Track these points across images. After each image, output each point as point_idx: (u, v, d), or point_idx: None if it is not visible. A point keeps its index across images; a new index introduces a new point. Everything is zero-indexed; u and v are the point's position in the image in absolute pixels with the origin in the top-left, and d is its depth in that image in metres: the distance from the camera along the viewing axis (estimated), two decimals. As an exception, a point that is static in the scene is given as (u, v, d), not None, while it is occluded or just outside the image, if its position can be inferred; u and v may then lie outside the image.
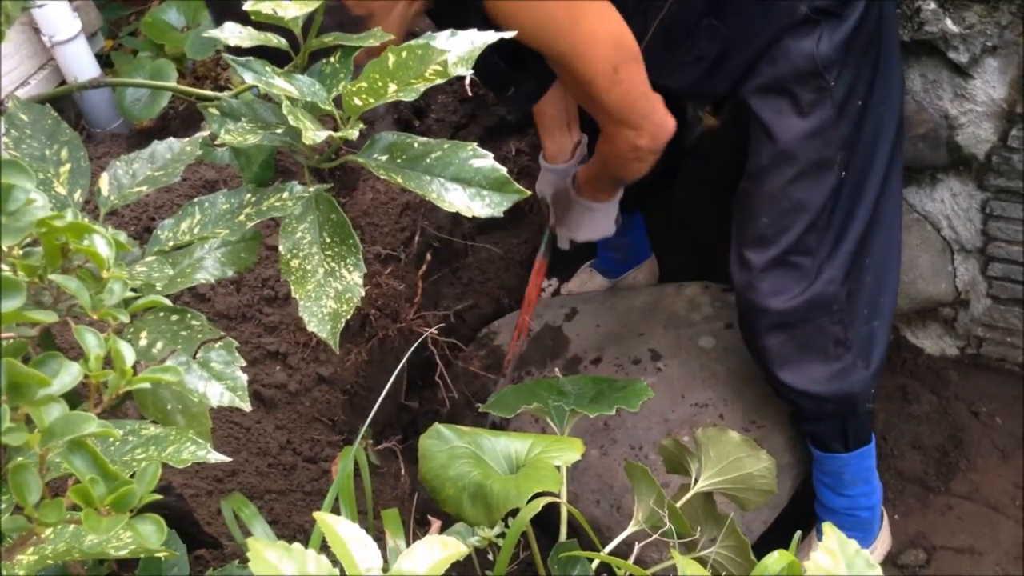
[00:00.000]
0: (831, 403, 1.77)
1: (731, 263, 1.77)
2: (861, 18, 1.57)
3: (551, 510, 1.31)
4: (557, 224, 1.98)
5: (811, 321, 1.71)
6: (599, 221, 1.93)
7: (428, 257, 2.21)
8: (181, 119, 2.31)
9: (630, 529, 1.41)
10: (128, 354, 0.66)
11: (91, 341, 0.65)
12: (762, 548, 1.21)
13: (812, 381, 1.75)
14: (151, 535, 0.60)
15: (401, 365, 1.34)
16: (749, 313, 1.75)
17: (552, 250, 2.04)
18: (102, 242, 0.68)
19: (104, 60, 2.35)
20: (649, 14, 1.56)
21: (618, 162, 1.71)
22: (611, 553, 1.31)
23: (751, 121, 1.67)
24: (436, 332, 2.02)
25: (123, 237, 0.78)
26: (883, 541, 2.00)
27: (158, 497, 0.63)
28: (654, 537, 1.33)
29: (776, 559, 0.98)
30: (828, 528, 0.61)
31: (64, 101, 2.27)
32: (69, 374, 0.60)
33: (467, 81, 2.13)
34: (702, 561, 1.39)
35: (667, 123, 1.61)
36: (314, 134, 0.95)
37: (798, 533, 1.16)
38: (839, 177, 1.65)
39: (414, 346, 1.55)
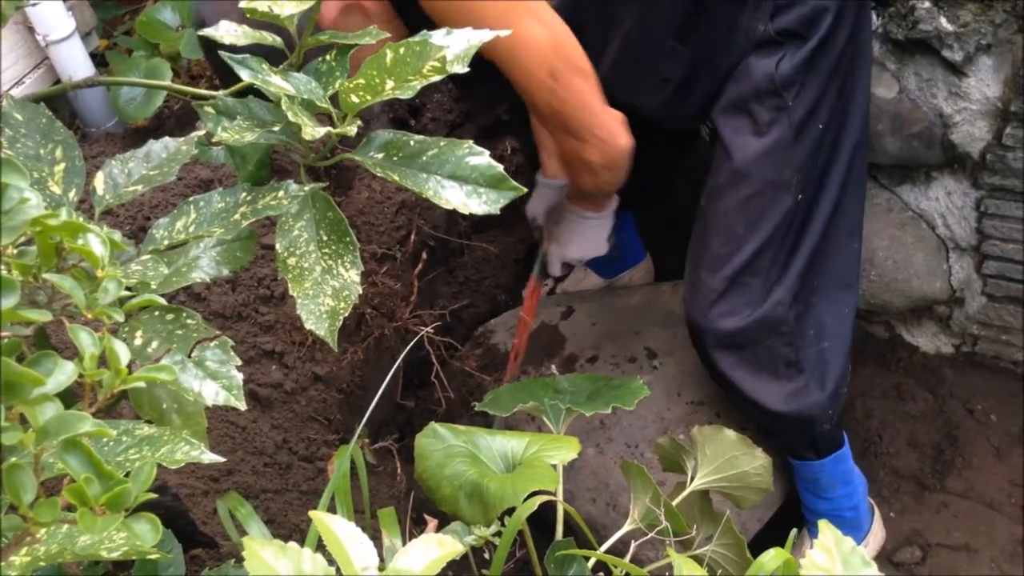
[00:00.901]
0: (789, 421, 1.77)
1: (686, 285, 1.77)
2: (824, 39, 1.56)
3: (547, 509, 1.31)
4: (549, 242, 1.95)
5: (760, 342, 1.71)
6: (591, 234, 1.89)
7: (424, 256, 2.21)
8: (176, 118, 2.31)
9: (626, 527, 1.42)
10: (123, 353, 0.66)
11: (85, 340, 0.65)
12: (758, 546, 1.22)
13: (767, 399, 1.75)
14: (146, 534, 0.60)
15: (397, 364, 1.34)
16: (698, 332, 1.75)
17: (544, 275, 2.03)
18: (96, 241, 0.68)
19: (99, 59, 2.34)
20: (609, 31, 1.55)
21: (573, 174, 1.71)
22: (607, 551, 1.31)
23: (716, 140, 1.67)
24: (432, 331, 2.02)
25: (118, 236, 0.78)
26: (875, 536, 2.00)
27: (153, 496, 0.63)
28: (650, 535, 1.33)
29: (772, 557, 0.98)
30: (824, 525, 0.61)
31: (59, 100, 2.27)
32: (63, 373, 0.60)
33: (463, 80, 2.12)
34: (698, 559, 1.39)
35: (617, 140, 1.55)
36: (313, 130, 0.95)
37: (794, 531, 1.16)
38: (795, 199, 1.65)
39: (410, 345, 1.55)
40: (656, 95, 1.66)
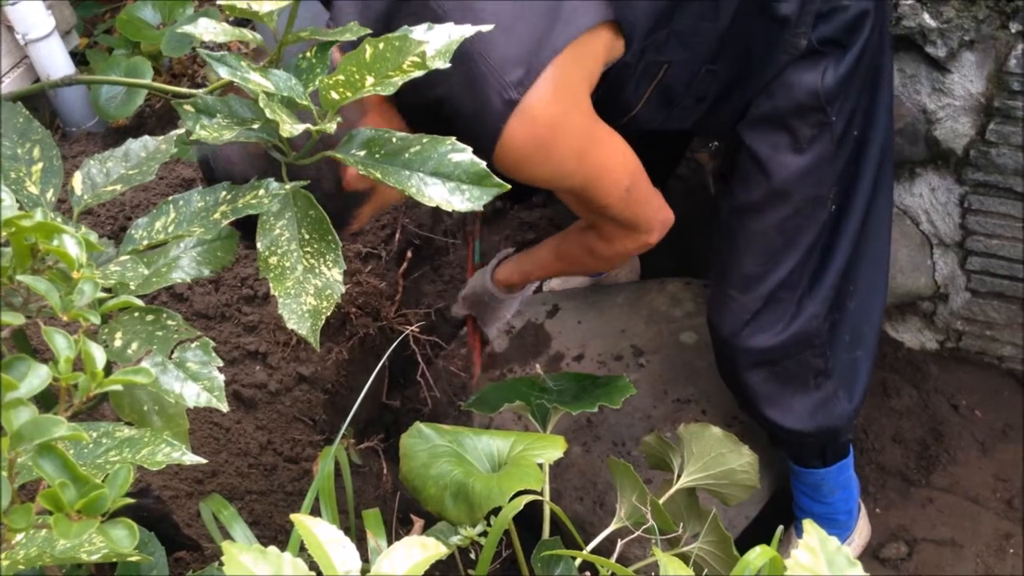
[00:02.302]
0: (812, 436, 1.75)
1: (712, 302, 1.72)
2: (864, 45, 1.51)
3: (534, 508, 1.30)
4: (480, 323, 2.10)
5: (792, 357, 1.68)
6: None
7: (409, 255, 2.20)
8: (157, 117, 2.29)
9: (613, 526, 1.41)
10: (99, 356, 0.65)
11: (60, 343, 0.64)
12: (745, 543, 1.21)
13: (795, 418, 1.72)
14: (123, 539, 0.59)
15: (382, 364, 1.33)
16: (729, 352, 1.71)
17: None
18: (71, 242, 0.67)
19: (79, 58, 2.32)
20: (642, 83, 1.50)
21: (612, 261, 1.73)
22: (594, 550, 1.31)
23: (742, 154, 1.60)
24: (417, 330, 2.01)
25: (94, 237, 0.77)
26: (861, 533, 2.00)
27: (130, 501, 0.62)
28: (637, 534, 1.33)
29: (759, 554, 0.98)
30: (808, 525, 0.61)
31: (38, 100, 2.25)
32: (37, 377, 0.59)
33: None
34: (685, 557, 1.39)
35: (670, 216, 1.63)
36: (291, 127, 0.94)
37: (780, 528, 1.15)
38: (829, 212, 1.61)
39: (395, 344, 1.54)
40: (691, 115, 1.60)
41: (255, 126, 1.05)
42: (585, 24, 1.33)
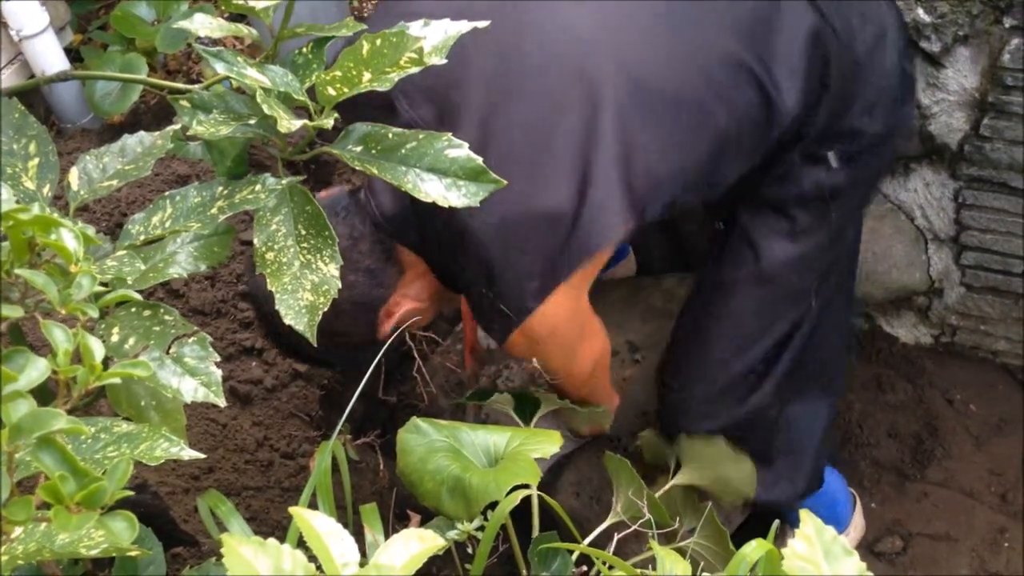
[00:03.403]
0: (753, 505, 1.72)
1: (668, 374, 1.70)
2: (875, 162, 1.54)
3: (530, 503, 1.31)
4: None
5: (737, 436, 1.64)
6: None
7: (405, 251, 2.19)
8: (152, 114, 2.29)
9: (609, 520, 1.42)
10: (97, 349, 0.65)
11: (59, 336, 0.64)
12: (741, 538, 1.22)
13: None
14: (122, 532, 0.59)
15: (378, 359, 1.33)
16: (672, 423, 1.69)
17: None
18: (69, 236, 0.67)
19: (73, 54, 2.31)
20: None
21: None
22: (590, 545, 1.31)
23: (736, 232, 1.56)
24: (417, 331, 2.01)
25: (92, 231, 0.77)
26: (856, 527, 2.01)
27: (129, 494, 0.62)
28: (633, 528, 1.33)
29: (754, 548, 0.98)
30: (805, 514, 0.61)
31: (33, 96, 2.24)
32: (36, 369, 0.59)
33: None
34: (681, 552, 1.39)
35: (614, 401, 1.72)
36: (288, 122, 0.94)
37: (776, 522, 1.16)
38: (809, 306, 1.58)
39: (390, 339, 1.54)
40: (699, 197, 1.53)
41: (252, 122, 1.05)
42: (605, 242, 1.32)
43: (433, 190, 1.01)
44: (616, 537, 1.30)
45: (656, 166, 1.34)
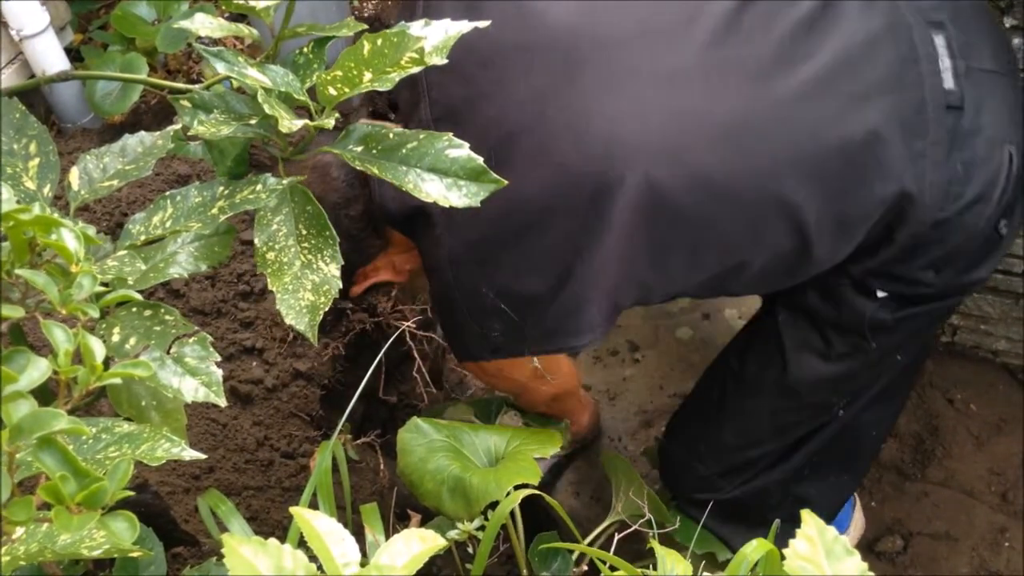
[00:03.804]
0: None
1: (677, 429, 1.66)
2: (932, 310, 1.40)
3: (531, 502, 1.31)
4: None
5: (739, 508, 1.61)
6: None
7: (405, 251, 2.20)
8: (153, 114, 2.29)
9: (609, 519, 1.42)
10: (98, 349, 0.65)
11: (59, 336, 0.64)
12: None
13: (732, 542, 1.63)
14: (123, 532, 0.59)
15: (378, 359, 1.33)
16: (671, 480, 1.67)
17: None
18: (70, 236, 0.67)
19: (74, 54, 2.31)
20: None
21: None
22: (591, 544, 1.31)
23: (768, 330, 1.49)
24: (413, 326, 2.01)
25: (92, 231, 0.77)
26: (856, 526, 2.00)
27: (130, 494, 0.62)
28: (634, 528, 1.33)
29: (755, 547, 0.98)
30: (807, 515, 0.61)
31: (34, 96, 2.24)
32: (37, 370, 0.59)
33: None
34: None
35: (583, 422, 1.75)
36: (290, 122, 0.94)
37: (777, 521, 1.16)
38: (834, 416, 1.52)
39: (391, 339, 1.54)
40: (709, 293, 1.49)
41: (252, 121, 1.05)
42: (571, 347, 1.33)
43: (434, 190, 1.01)
44: (617, 537, 1.30)
45: (648, 281, 1.29)
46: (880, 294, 1.36)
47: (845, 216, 1.27)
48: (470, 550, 1.29)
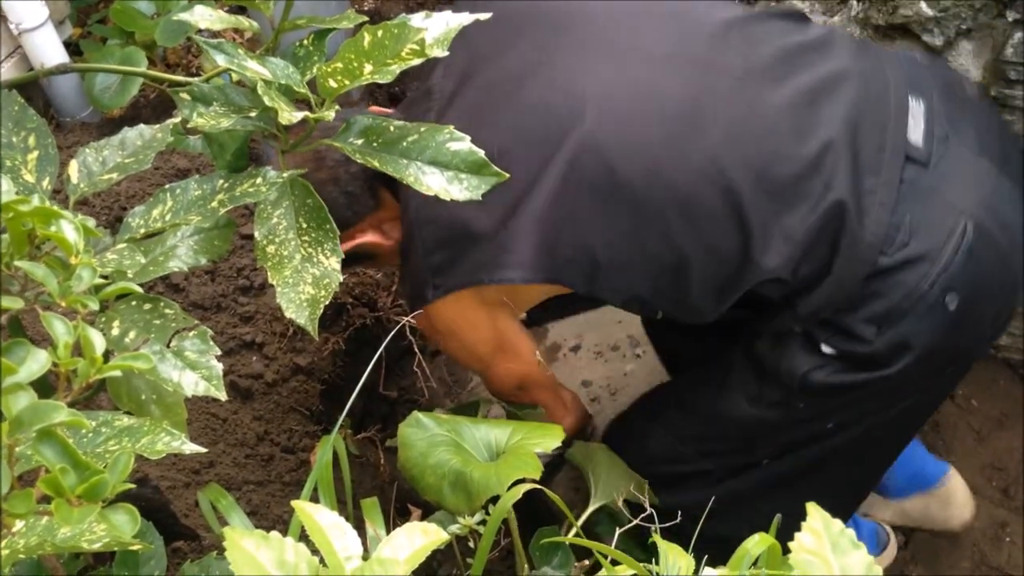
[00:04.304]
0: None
1: (629, 442, 1.63)
2: (871, 382, 1.37)
3: (531, 496, 1.30)
4: None
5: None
6: None
7: (405, 245, 2.19)
8: (152, 108, 2.28)
9: (592, 507, 1.42)
10: (98, 341, 0.65)
11: (59, 328, 0.63)
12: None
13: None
14: (124, 525, 0.59)
15: (379, 354, 1.33)
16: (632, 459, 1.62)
17: None
18: (69, 227, 0.67)
19: (72, 48, 2.31)
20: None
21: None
22: (578, 533, 1.31)
23: (722, 359, 1.53)
24: (414, 321, 2.00)
25: (92, 223, 0.77)
26: (888, 554, 1.99)
27: (131, 487, 0.62)
28: (635, 522, 1.33)
29: (757, 541, 0.98)
30: (812, 508, 0.61)
31: (33, 90, 2.23)
32: (36, 361, 0.59)
33: (443, 67, 2.11)
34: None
35: (564, 421, 1.64)
36: (290, 114, 0.93)
37: (778, 516, 1.15)
38: (757, 465, 1.52)
39: (391, 334, 1.53)
40: (669, 304, 1.46)
41: (252, 114, 1.04)
42: (501, 279, 1.35)
43: (435, 183, 1.01)
44: (618, 531, 1.30)
45: (589, 243, 1.32)
46: (825, 349, 1.36)
47: (782, 215, 1.29)
48: (471, 544, 1.29)
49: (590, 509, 1.42)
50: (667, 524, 1.19)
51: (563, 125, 1.29)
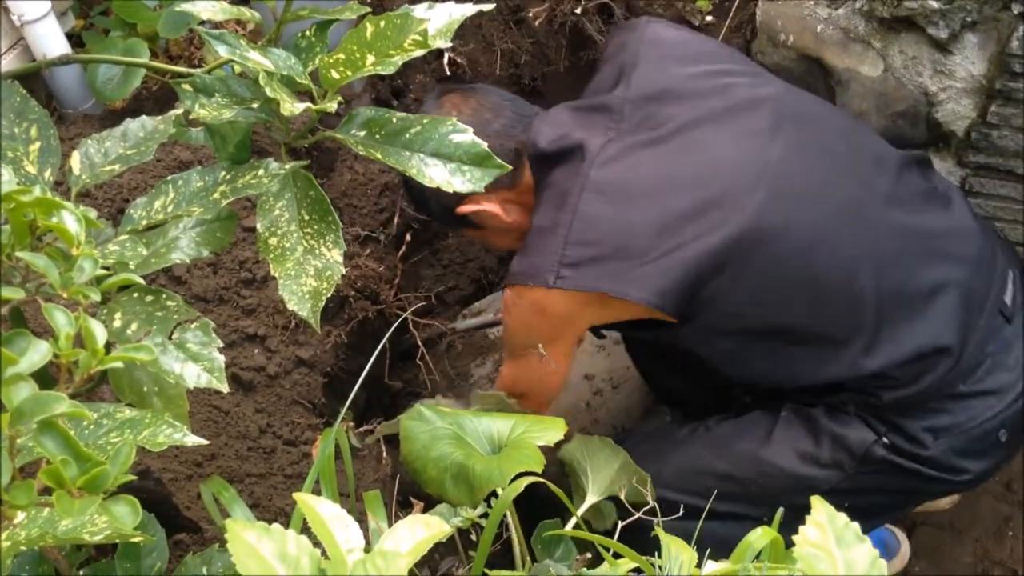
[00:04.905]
0: None
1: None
2: (915, 475, 1.53)
3: (533, 489, 1.30)
4: None
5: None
6: None
7: (408, 238, 2.19)
8: (154, 100, 2.27)
9: (589, 500, 1.41)
10: (99, 332, 0.64)
11: (60, 319, 0.63)
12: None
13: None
14: (125, 516, 0.59)
15: (381, 347, 1.33)
16: None
17: None
18: (71, 218, 0.66)
19: (75, 40, 2.30)
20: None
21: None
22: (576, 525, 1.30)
23: (764, 415, 1.61)
24: (415, 315, 2.00)
25: (93, 214, 0.76)
26: (901, 557, 1.99)
27: (132, 478, 0.61)
28: (637, 516, 1.32)
29: (760, 535, 0.97)
30: (816, 501, 0.61)
31: (35, 82, 2.23)
32: (38, 352, 0.58)
33: (445, 59, 2.11)
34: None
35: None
36: (292, 105, 0.93)
37: (781, 509, 1.15)
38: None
39: (393, 327, 1.53)
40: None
41: (254, 105, 1.04)
42: (640, 299, 1.41)
43: (438, 175, 1.00)
44: (620, 525, 1.30)
45: (719, 298, 1.43)
46: (884, 440, 1.52)
47: (898, 326, 1.47)
48: (473, 537, 1.29)
49: (588, 503, 1.42)
50: (669, 518, 1.19)
51: (739, 193, 1.41)
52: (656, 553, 0.96)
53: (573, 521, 1.32)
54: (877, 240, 1.47)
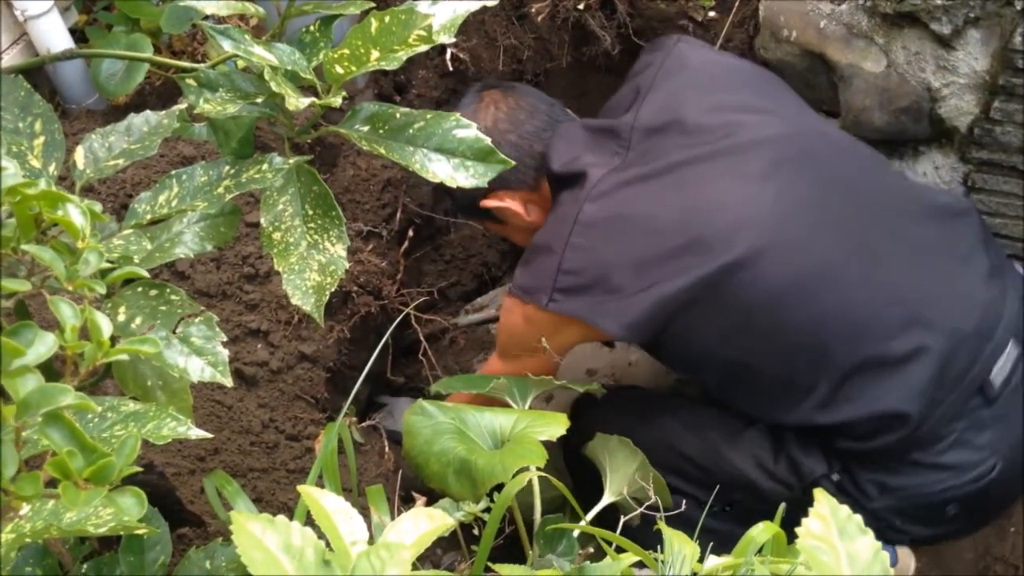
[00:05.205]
0: None
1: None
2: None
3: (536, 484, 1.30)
4: None
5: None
6: None
7: (410, 234, 2.19)
8: (158, 95, 2.28)
9: (604, 501, 1.42)
10: (104, 325, 0.65)
11: (66, 312, 0.63)
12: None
13: None
14: (131, 508, 0.59)
15: (383, 342, 1.33)
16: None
17: None
18: (76, 211, 0.67)
19: (78, 35, 2.30)
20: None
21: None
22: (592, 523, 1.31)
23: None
24: (417, 311, 2.01)
25: (98, 207, 0.77)
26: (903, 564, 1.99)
27: (137, 470, 0.62)
28: (640, 511, 1.33)
29: (762, 530, 0.98)
30: (819, 493, 0.61)
31: (38, 77, 2.23)
32: (44, 344, 0.59)
33: (448, 55, 2.11)
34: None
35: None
36: (297, 100, 0.93)
37: (783, 504, 1.15)
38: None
39: (396, 322, 1.53)
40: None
41: (258, 100, 1.04)
42: (612, 332, 1.52)
43: (441, 170, 1.00)
44: (622, 520, 1.30)
45: (688, 336, 1.50)
46: (834, 477, 1.55)
47: (862, 385, 1.47)
48: (475, 532, 1.29)
49: (604, 502, 1.42)
50: (670, 512, 1.19)
51: (717, 238, 1.45)
52: (658, 548, 0.96)
53: (589, 517, 1.32)
54: (855, 300, 1.47)
